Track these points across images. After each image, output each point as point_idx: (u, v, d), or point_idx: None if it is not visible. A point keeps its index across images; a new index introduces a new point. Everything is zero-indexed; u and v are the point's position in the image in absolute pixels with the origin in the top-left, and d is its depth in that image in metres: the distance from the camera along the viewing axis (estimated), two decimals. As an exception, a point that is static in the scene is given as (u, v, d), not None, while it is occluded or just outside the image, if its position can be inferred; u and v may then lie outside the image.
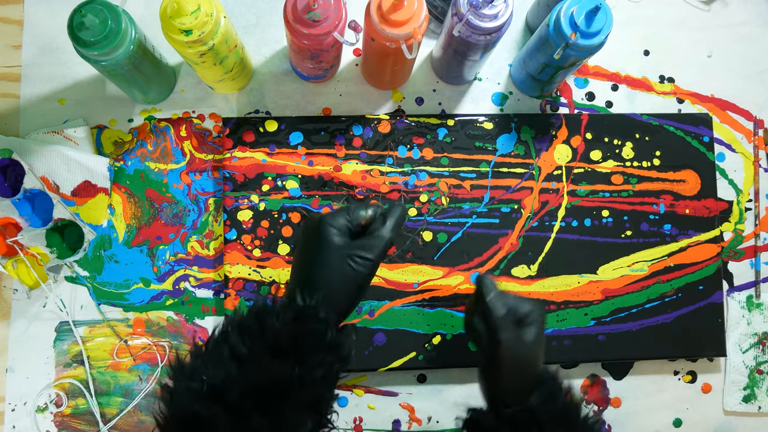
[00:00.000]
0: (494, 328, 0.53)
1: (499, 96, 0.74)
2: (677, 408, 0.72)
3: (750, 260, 0.74)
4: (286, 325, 0.45)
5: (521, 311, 0.55)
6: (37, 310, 0.68)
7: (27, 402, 0.67)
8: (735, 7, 0.77)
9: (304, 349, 0.45)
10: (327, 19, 0.57)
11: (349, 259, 0.48)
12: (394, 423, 0.69)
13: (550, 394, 0.52)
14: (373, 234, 0.49)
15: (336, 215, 0.50)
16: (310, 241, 0.49)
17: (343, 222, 0.50)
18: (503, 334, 0.53)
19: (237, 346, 0.44)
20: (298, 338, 0.45)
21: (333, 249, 0.48)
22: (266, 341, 0.44)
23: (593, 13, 0.58)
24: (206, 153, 0.71)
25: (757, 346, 0.73)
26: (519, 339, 0.53)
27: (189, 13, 0.55)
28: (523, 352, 0.53)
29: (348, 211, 0.50)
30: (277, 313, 0.45)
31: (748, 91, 0.76)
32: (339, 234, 0.49)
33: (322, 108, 0.72)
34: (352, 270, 0.48)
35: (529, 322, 0.55)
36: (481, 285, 0.56)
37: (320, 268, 0.48)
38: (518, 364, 0.53)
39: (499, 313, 0.54)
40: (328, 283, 0.48)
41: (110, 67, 0.59)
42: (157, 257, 0.69)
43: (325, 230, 0.49)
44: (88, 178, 0.68)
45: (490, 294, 0.55)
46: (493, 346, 0.53)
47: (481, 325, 0.56)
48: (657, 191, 0.71)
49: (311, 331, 0.45)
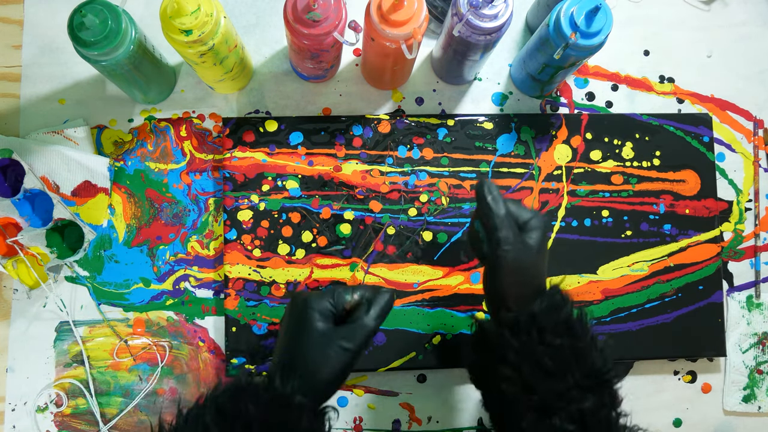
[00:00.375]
0: (494, 227, 0.51)
1: (499, 96, 0.74)
2: (677, 408, 0.72)
3: (750, 260, 0.74)
4: (258, 410, 0.45)
5: (522, 217, 0.53)
6: (37, 310, 0.68)
7: (27, 402, 0.67)
8: (735, 7, 0.77)
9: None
10: (327, 19, 0.57)
11: (329, 348, 0.48)
12: (394, 423, 0.69)
13: (553, 305, 0.50)
14: (356, 323, 0.49)
15: (321, 298, 0.50)
16: (293, 323, 0.50)
17: (327, 306, 0.50)
18: (503, 233, 0.51)
19: (210, 428, 0.44)
20: (271, 425, 0.45)
21: (314, 334, 0.48)
22: (238, 425, 0.44)
23: (593, 13, 0.58)
24: (206, 153, 0.71)
25: (757, 346, 0.73)
26: (520, 240, 0.52)
27: (189, 13, 0.55)
28: (525, 254, 0.51)
29: (333, 294, 0.50)
30: (253, 396, 0.45)
31: (748, 91, 0.76)
32: (322, 319, 0.49)
33: (322, 108, 0.72)
34: (332, 358, 0.48)
35: (531, 227, 0.53)
36: (481, 187, 0.54)
37: (300, 352, 0.48)
38: (519, 268, 0.51)
39: (499, 213, 0.52)
40: (308, 367, 0.48)
41: (110, 67, 0.59)
42: (157, 257, 0.69)
43: (308, 314, 0.49)
44: (88, 178, 0.68)
45: (490, 195, 0.53)
46: (494, 247, 0.51)
47: (483, 229, 0.54)
48: (657, 191, 0.71)
49: (284, 419, 0.45)
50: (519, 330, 0.49)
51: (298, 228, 0.68)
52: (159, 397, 0.68)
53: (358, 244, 0.68)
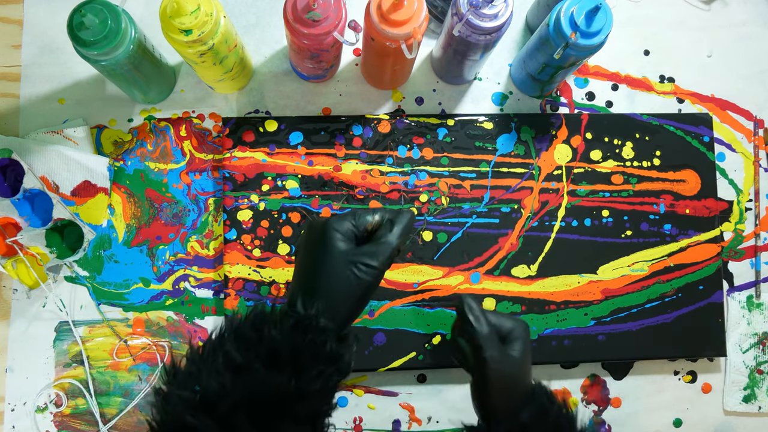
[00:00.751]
0: (479, 346, 0.53)
1: (499, 96, 0.74)
2: (677, 408, 0.72)
3: (750, 260, 0.74)
4: (283, 335, 0.43)
5: (504, 328, 0.56)
6: (36, 310, 0.68)
7: (27, 402, 0.67)
8: (735, 7, 0.77)
9: (302, 360, 0.43)
10: (327, 19, 0.57)
11: (353, 266, 0.46)
12: (394, 423, 0.69)
13: (542, 408, 0.52)
14: (379, 240, 0.48)
15: (342, 219, 0.48)
16: (313, 245, 0.48)
17: (349, 227, 0.48)
18: (488, 352, 0.53)
19: (232, 355, 0.43)
20: (297, 349, 0.43)
21: (336, 255, 0.47)
22: (263, 351, 0.43)
23: (593, 13, 0.58)
24: (206, 153, 0.71)
25: (757, 346, 0.73)
26: (505, 355, 0.54)
27: (189, 13, 0.55)
28: (510, 368, 0.54)
29: (354, 216, 0.49)
30: (276, 321, 0.44)
31: (748, 91, 0.76)
32: (344, 239, 0.47)
33: (322, 108, 0.72)
34: (356, 277, 0.46)
35: (513, 338, 0.55)
36: (462, 306, 0.56)
37: (322, 274, 0.47)
38: (506, 380, 0.53)
39: (483, 332, 0.54)
40: (330, 290, 0.46)
41: (110, 67, 0.59)
42: (156, 257, 0.69)
43: (330, 234, 0.47)
44: (87, 178, 0.68)
45: (471, 314, 0.55)
46: (480, 365, 0.53)
47: (467, 346, 0.56)
48: (657, 191, 0.71)
49: (310, 342, 0.44)
50: None
51: (298, 228, 0.68)
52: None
53: None
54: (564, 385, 0.71)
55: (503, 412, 0.53)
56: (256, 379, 0.42)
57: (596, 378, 0.71)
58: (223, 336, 0.45)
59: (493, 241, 0.69)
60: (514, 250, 0.69)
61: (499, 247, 0.69)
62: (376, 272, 0.47)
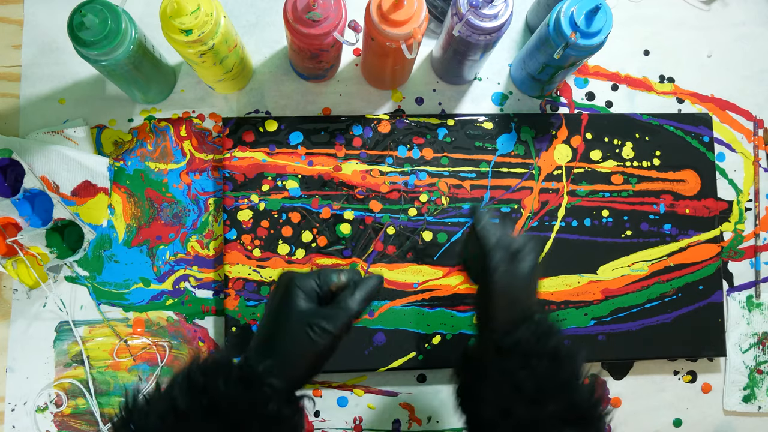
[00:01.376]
0: (486, 253, 0.52)
1: (499, 96, 0.74)
2: (677, 408, 0.72)
3: (750, 260, 0.74)
4: (228, 387, 0.43)
5: (516, 244, 0.53)
6: (37, 310, 0.68)
7: (27, 402, 0.67)
8: (735, 7, 0.77)
9: (240, 415, 0.43)
10: (327, 19, 0.57)
11: (309, 328, 0.46)
12: (394, 423, 0.69)
13: (541, 332, 0.50)
14: (339, 304, 0.47)
15: (307, 277, 0.48)
16: (275, 300, 0.48)
17: (312, 285, 0.48)
18: (494, 260, 0.51)
19: (178, 400, 0.43)
20: (237, 403, 0.43)
21: (295, 313, 0.46)
22: (205, 401, 0.43)
23: (593, 13, 0.58)
24: (206, 153, 0.71)
25: (757, 346, 0.73)
26: (511, 266, 0.51)
27: (189, 13, 0.55)
28: (516, 280, 0.51)
29: (319, 275, 0.49)
30: (225, 372, 0.44)
31: (748, 91, 0.76)
32: (305, 298, 0.47)
33: (322, 108, 0.72)
34: (310, 339, 0.45)
35: (525, 253, 0.53)
36: (474, 212, 0.54)
37: (279, 331, 0.46)
38: (510, 293, 0.51)
39: (491, 239, 0.52)
40: (285, 348, 0.46)
41: (110, 67, 0.59)
42: (157, 257, 0.69)
43: (292, 291, 0.47)
44: (88, 178, 0.68)
45: (482, 221, 0.53)
46: (485, 272, 0.51)
47: (474, 253, 0.54)
48: (657, 191, 0.71)
49: (251, 398, 0.43)
50: (502, 352, 0.49)
51: (298, 228, 0.68)
52: None
53: (358, 244, 0.68)
54: (564, 385, 0.71)
55: (501, 325, 0.50)
56: (191, 427, 0.42)
57: (596, 378, 0.71)
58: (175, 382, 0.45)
59: (493, 241, 0.69)
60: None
61: (499, 247, 0.69)
62: (331, 337, 0.46)
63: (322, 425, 0.69)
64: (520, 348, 0.48)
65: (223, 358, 0.45)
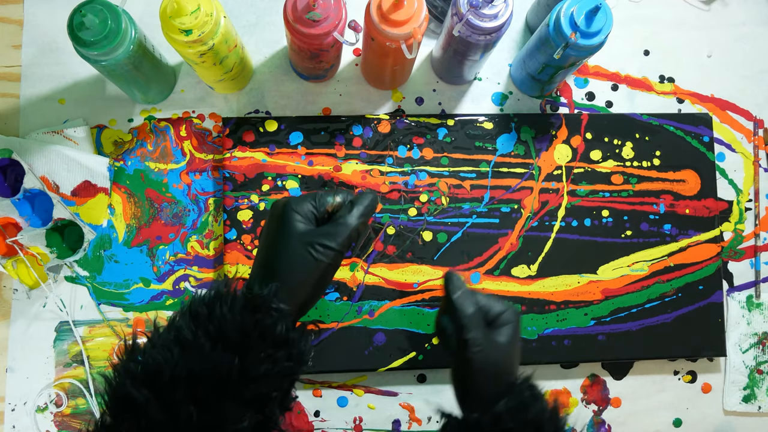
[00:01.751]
0: (461, 326, 0.50)
1: (499, 96, 0.74)
2: (677, 408, 0.72)
3: (750, 260, 0.74)
4: (233, 314, 0.43)
5: (493, 311, 0.52)
6: (37, 310, 0.68)
7: (27, 402, 0.67)
8: (735, 7, 0.77)
9: (249, 340, 0.42)
10: (327, 19, 0.57)
11: (310, 247, 0.45)
12: (394, 423, 0.69)
13: (521, 403, 0.48)
14: (338, 221, 0.47)
15: (302, 200, 0.47)
16: (272, 226, 0.47)
17: (309, 208, 0.47)
18: (471, 333, 0.49)
19: (183, 330, 0.42)
20: (245, 329, 0.42)
21: (294, 235, 0.46)
22: (212, 329, 0.42)
23: (593, 13, 0.58)
24: (206, 153, 0.71)
25: (757, 346, 0.73)
26: (489, 339, 0.50)
27: (189, 13, 0.55)
28: (495, 354, 0.50)
29: (315, 197, 0.48)
30: (228, 301, 0.43)
31: (748, 91, 0.76)
32: (303, 220, 0.46)
33: (322, 108, 0.72)
34: (313, 258, 0.45)
35: (501, 323, 0.51)
36: (447, 282, 0.52)
37: (280, 255, 0.46)
38: (488, 367, 0.49)
39: (466, 312, 0.50)
40: (287, 271, 0.45)
41: (110, 67, 0.59)
42: (157, 257, 0.69)
43: (289, 215, 0.46)
44: (88, 178, 0.68)
45: (456, 292, 0.51)
46: (461, 347, 0.50)
47: (450, 325, 0.52)
48: (657, 191, 0.71)
49: (258, 323, 0.43)
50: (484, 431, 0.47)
51: (298, 228, 0.68)
52: None
53: (358, 243, 0.68)
54: (564, 385, 0.71)
55: (480, 401, 0.49)
56: (200, 356, 0.42)
57: (596, 378, 0.71)
58: (181, 311, 0.44)
59: (493, 241, 0.69)
60: (514, 250, 0.69)
61: (499, 247, 0.69)
62: (334, 253, 0.46)
63: (322, 425, 0.69)
64: (500, 426, 0.47)
65: (225, 288, 0.45)
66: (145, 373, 0.42)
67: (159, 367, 0.41)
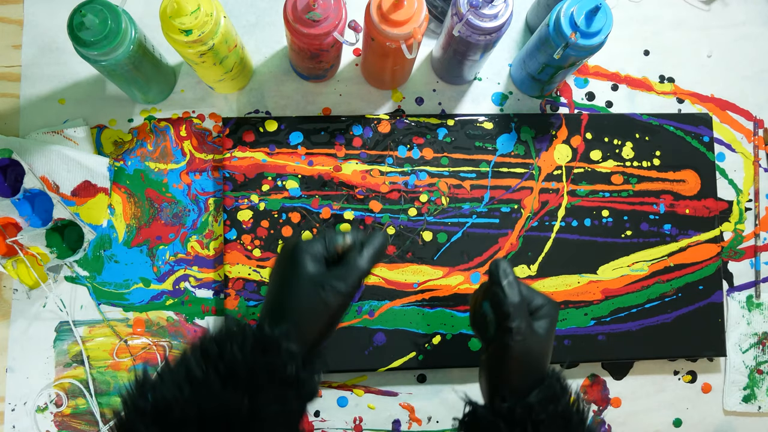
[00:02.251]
0: (506, 314, 0.50)
1: (499, 96, 0.74)
2: (677, 408, 0.72)
3: (750, 260, 0.74)
4: (244, 354, 0.43)
5: (534, 303, 0.52)
6: (37, 310, 0.68)
7: (27, 402, 0.67)
8: (735, 7, 0.77)
9: (258, 380, 0.43)
10: (327, 19, 0.57)
11: (321, 289, 0.46)
12: (394, 423, 0.69)
13: (552, 395, 0.49)
14: (348, 264, 0.47)
15: (312, 241, 0.48)
16: (283, 266, 0.48)
17: (319, 249, 0.48)
18: (516, 322, 0.49)
19: (193, 368, 0.43)
20: (255, 369, 0.43)
21: (304, 277, 0.46)
22: (222, 368, 0.43)
23: (593, 13, 0.58)
24: (206, 153, 0.71)
25: (757, 346, 0.73)
26: (531, 329, 0.50)
27: (189, 13, 0.55)
28: (534, 344, 0.50)
29: (325, 238, 0.49)
30: (239, 341, 0.44)
31: (748, 91, 0.76)
32: (313, 261, 0.47)
33: (322, 108, 0.72)
34: (323, 301, 0.46)
35: (542, 315, 0.52)
36: (495, 268, 0.52)
37: (290, 296, 0.46)
38: (526, 356, 0.50)
39: (514, 300, 0.50)
40: (298, 312, 0.46)
41: (110, 67, 0.59)
42: (157, 257, 0.69)
43: (299, 257, 0.47)
44: (88, 178, 0.68)
45: (506, 279, 0.51)
46: (502, 334, 0.50)
47: (491, 311, 0.52)
48: (657, 191, 0.71)
49: (269, 363, 0.43)
50: (514, 422, 0.48)
51: (298, 228, 0.68)
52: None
53: None
54: (564, 385, 0.71)
55: (512, 390, 0.49)
56: (210, 395, 0.42)
57: (596, 378, 0.71)
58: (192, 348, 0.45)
59: (493, 241, 0.69)
60: (514, 250, 0.69)
61: (499, 247, 0.69)
62: (344, 296, 0.46)
63: (322, 425, 0.69)
64: (532, 417, 0.48)
65: (236, 327, 0.45)
66: (155, 410, 0.42)
67: (169, 405, 0.42)
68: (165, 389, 0.42)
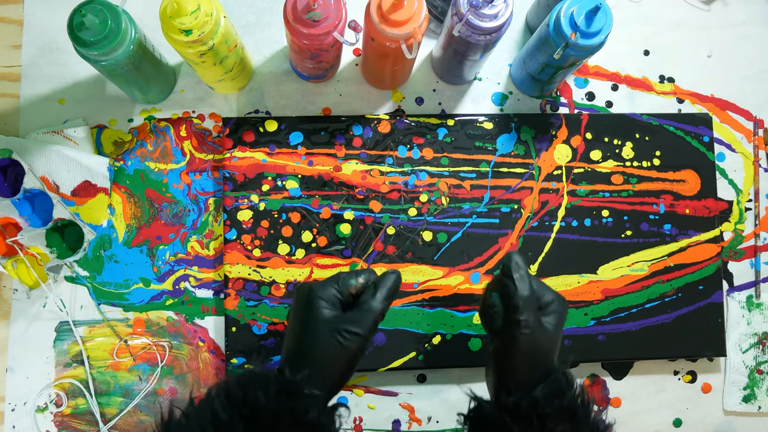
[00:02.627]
0: (515, 307, 0.50)
1: (499, 96, 0.74)
2: (677, 408, 0.72)
3: (750, 260, 0.74)
4: (267, 399, 0.44)
5: (544, 299, 0.53)
6: (37, 310, 0.68)
7: (27, 402, 0.67)
8: (735, 7, 0.77)
9: (282, 425, 0.44)
10: (327, 19, 0.57)
11: (338, 334, 0.47)
12: (394, 423, 0.69)
13: (558, 389, 0.49)
14: (363, 307, 0.49)
15: (326, 285, 0.49)
16: (299, 312, 0.49)
17: (333, 293, 0.49)
18: (524, 315, 0.49)
19: (219, 412, 0.44)
20: (278, 414, 0.44)
21: (321, 323, 0.48)
22: (246, 412, 0.44)
23: (593, 13, 0.58)
24: (206, 153, 0.71)
25: (757, 346, 0.73)
26: (539, 324, 0.50)
27: (189, 13, 0.55)
28: (541, 338, 0.50)
29: (338, 281, 0.50)
30: (263, 385, 0.45)
31: (748, 91, 0.76)
32: (328, 306, 0.48)
33: (322, 108, 0.72)
34: (340, 345, 0.47)
35: (551, 311, 0.52)
36: (508, 261, 0.52)
37: (309, 342, 0.48)
38: (533, 350, 0.50)
39: (524, 293, 0.50)
40: (317, 357, 0.47)
41: (110, 67, 0.59)
42: (157, 257, 0.69)
43: (314, 302, 0.48)
44: (88, 178, 0.68)
45: (518, 271, 0.51)
46: (510, 327, 0.50)
47: (500, 303, 0.52)
48: (657, 191, 0.71)
49: (292, 408, 0.44)
50: (520, 416, 0.48)
51: (298, 228, 0.68)
52: (159, 397, 0.68)
53: (358, 244, 0.68)
54: (564, 385, 0.71)
55: (518, 384, 0.50)
56: None
57: (596, 378, 0.71)
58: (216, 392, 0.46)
59: (493, 241, 0.69)
60: (514, 251, 0.69)
61: (499, 247, 0.69)
62: (360, 339, 0.47)
63: (322, 425, 0.69)
64: (538, 411, 0.48)
65: (259, 371, 0.46)
66: None
67: None
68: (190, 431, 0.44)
